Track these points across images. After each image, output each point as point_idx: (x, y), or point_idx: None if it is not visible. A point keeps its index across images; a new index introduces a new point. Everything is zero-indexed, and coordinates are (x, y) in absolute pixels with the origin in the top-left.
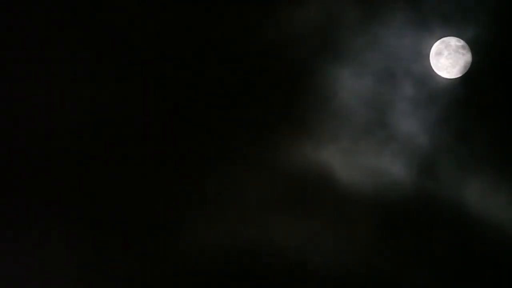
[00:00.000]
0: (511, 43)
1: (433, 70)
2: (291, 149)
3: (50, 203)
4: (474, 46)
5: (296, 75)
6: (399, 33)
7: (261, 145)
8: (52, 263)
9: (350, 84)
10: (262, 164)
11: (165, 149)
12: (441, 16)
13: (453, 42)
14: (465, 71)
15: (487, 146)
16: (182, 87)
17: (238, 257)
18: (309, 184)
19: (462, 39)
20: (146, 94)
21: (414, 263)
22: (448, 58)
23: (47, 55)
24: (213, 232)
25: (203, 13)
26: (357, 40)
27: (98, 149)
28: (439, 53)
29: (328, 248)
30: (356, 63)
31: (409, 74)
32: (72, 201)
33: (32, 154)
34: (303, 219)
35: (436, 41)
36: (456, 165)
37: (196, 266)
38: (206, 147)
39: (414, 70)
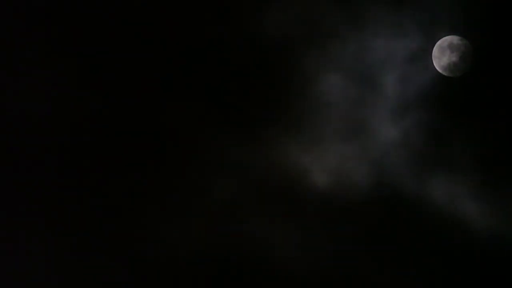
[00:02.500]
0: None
1: (426, 70)
2: (266, 150)
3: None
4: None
5: (277, 76)
6: (389, 34)
7: (235, 147)
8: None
9: (332, 86)
10: (235, 165)
11: (136, 150)
12: (434, 17)
13: (456, 41)
14: (464, 71)
15: (465, 148)
16: (156, 87)
17: (210, 258)
18: (282, 185)
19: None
20: (117, 93)
21: (392, 264)
22: (451, 57)
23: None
24: (187, 232)
25: (187, 14)
26: (343, 42)
27: (68, 151)
28: (439, 52)
29: (302, 248)
30: (342, 65)
31: (395, 75)
32: (42, 204)
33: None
34: (276, 220)
35: (437, 41)
36: (435, 167)
37: (167, 268)
38: (179, 148)
39: (399, 71)
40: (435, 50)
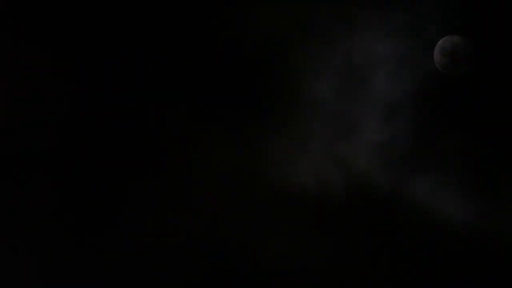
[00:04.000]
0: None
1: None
2: (256, 151)
3: None
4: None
5: (266, 77)
6: (385, 33)
7: (224, 147)
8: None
9: (324, 87)
10: (226, 165)
11: (132, 151)
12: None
13: (455, 40)
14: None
15: (459, 148)
16: (147, 88)
17: (202, 258)
18: (271, 186)
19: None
20: (110, 94)
21: (384, 264)
22: (451, 56)
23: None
24: (177, 234)
25: (179, 16)
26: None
27: (65, 151)
28: (438, 52)
29: (292, 249)
30: (333, 66)
31: (391, 75)
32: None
33: None
34: (268, 221)
35: (438, 40)
36: (428, 168)
37: (160, 267)
38: (158, 147)
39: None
40: (436, 50)
